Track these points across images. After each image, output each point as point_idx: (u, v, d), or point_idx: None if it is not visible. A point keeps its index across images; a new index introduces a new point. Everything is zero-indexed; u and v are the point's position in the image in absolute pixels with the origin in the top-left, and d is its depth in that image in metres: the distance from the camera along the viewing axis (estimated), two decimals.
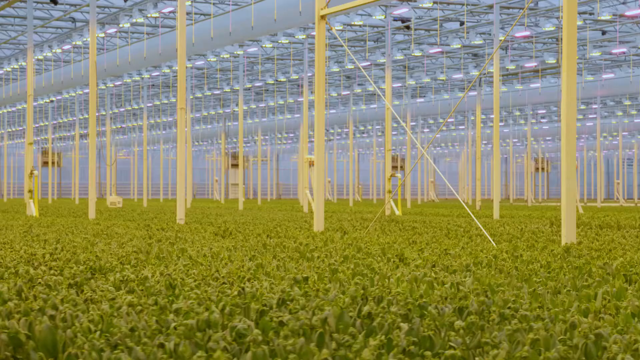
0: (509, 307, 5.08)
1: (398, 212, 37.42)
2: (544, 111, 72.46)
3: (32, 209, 32.34)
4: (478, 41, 40.12)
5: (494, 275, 7.89)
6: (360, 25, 39.06)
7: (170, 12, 34.02)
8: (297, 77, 51.44)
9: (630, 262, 9.45)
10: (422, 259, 9.84)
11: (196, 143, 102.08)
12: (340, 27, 37.41)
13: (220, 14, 32.18)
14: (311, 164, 43.21)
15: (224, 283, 6.75)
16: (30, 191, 33.17)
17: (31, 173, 33.43)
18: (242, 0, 34.31)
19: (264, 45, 41.56)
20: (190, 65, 47.63)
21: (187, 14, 36.61)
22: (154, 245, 12.21)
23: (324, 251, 11.43)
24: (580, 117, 75.27)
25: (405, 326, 4.19)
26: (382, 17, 34.87)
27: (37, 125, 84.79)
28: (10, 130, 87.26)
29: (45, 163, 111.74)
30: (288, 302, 4.80)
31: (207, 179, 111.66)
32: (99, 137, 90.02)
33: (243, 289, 5.26)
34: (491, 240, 15.66)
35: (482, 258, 9.85)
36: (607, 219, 25.52)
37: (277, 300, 4.84)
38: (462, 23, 40.58)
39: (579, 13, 37.97)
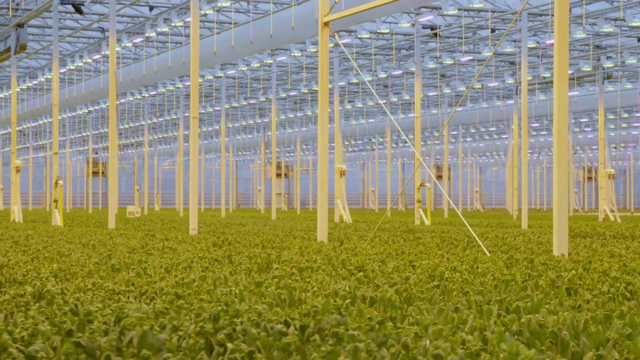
0: (347, 327, 4.71)
1: (427, 222, 36.95)
2: (586, 119, 71.46)
3: (57, 219, 32.36)
4: (509, 49, 39.53)
5: (424, 288, 7.51)
6: (386, 33, 38.68)
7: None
8: (330, 85, 51.09)
9: (591, 274, 9.01)
10: (380, 271, 9.48)
11: (239, 153, 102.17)
12: (367, 35, 37.04)
13: (242, 24, 32.02)
14: (342, 173, 42.93)
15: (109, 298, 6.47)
16: (55, 201, 33.20)
17: (56, 183, 33.47)
18: (261, 10, 34.15)
19: (292, 54, 41.33)
20: (222, 74, 47.56)
21: (209, 21, 36.58)
22: (124, 256, 11.99)
23: (292, 263, 11.11)
24: (625, 125, 74.18)
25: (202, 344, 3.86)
26: (409, 24, 34.48)
27: (79, 135, 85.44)
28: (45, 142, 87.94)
29: (94, 173, 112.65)
30: (123, 319, 4.48)
31: (251, 189, 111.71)
32: (140, 147, 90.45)
33: (76, 305, 4.96)
34: (485, 251, 15.26)
35: (440, 271, 9.46)
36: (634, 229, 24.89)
37: (115, 318, 4.54)
38: (492, 30, 40.04)
39: (611, 19, 37.27)
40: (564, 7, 13.80)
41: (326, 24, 19.37)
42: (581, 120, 72.17)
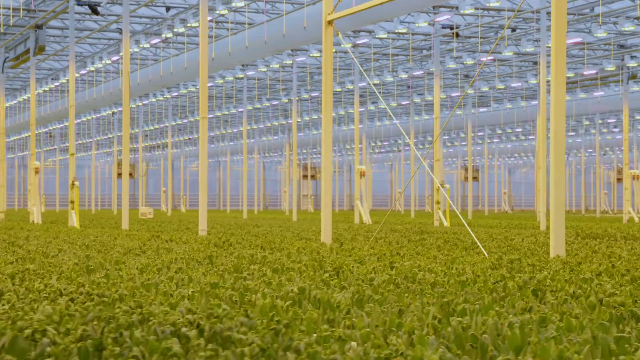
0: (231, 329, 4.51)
1: (446, 224, 36.66)
2: (613, 120, 70.72)
3: (74, 220, 32.36)
4: (530, 48, 39.09)
5: (386, 290, 7.28)
6: (404, 33, 38.36)
7: (209, 21, 33.80)
8: (351, 86, 50.86)
9: (571, 274, 8.74)
10: (356, 272, 9.26)
11: (266, 154, 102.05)
12: (385, 35, 36.75)
13: (257, 24, 31.86)
14: (362, 174, 42.67)
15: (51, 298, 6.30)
16: (72, 202, 33.20)
17: (72, 184, 33.47)
18: (280, 10, 33.97)
19: (311, 55, 41.11)
20: (243, 76, 47.45)
21: (225, 22, 36.42)
22: (110, 257, 11.85)
23: (275, 263, 10.91)
24: None
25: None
26: (425, 24, 34.16)
27: (105, 137, 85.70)
28: (80, 142, 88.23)
29: (120, 174, 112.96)
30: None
31: (279, 190, 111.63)
32: (167, 149, 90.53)
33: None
34: (484, 251, 15.00)
35: (414, 272, 9.23)
36: None
37: (11, 320, 4.36)
38: (513, 30, 39.64)
39: (632, 18, 36.75)
40: (561, 10, 13.52)
41: (330, 22, 19.18)
42: (609, 120, 71.44)
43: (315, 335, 4.57)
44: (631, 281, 8.43)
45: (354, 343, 4.67)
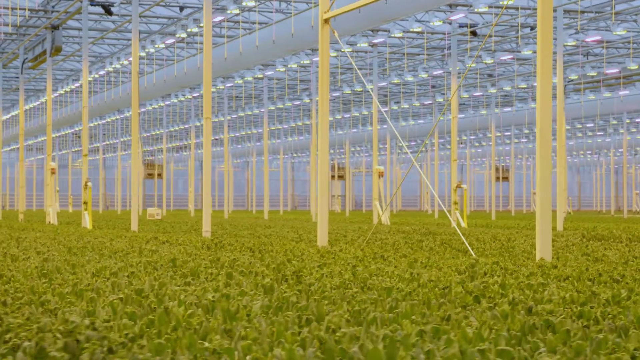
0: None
1: (463, 224, 36.28)
2: None
3: (87, 221, 32.30)
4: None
5: (322, 296, 7.00)
6: (419, 32, 37.97)
7: (220, 21, 33.62)
8: (372, 86, 50.46)
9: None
10: (314, 276, 8.99)
11: (294, 155, 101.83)
12: (400, 34, 36.38)
13: (269, 24, 31.68)
14: (380, 174, 42.33)
15: None
16: (85, 203, 33.13)
17: (85, 185, 33.42)
18: (287, 10, 33.76)
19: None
20: (262, 76, 47.28)
21: (235, 22, 36.24)
22: (80, 259, 11.64)
23: (242, 267, 10.66)
24: None
25: None
26: (440, 22, 33.77)
27: (128, 137, 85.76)
28: (108, 142, 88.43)
29: (149, 175, 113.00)
30: None
31: (307, 191, 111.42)
32: (195, 149, 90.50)
33: None
34: (472, 253, 14.68)
35: (364, 277, 8.93)
36: None
37: None
38: (532, 28, 39.12)
39: None
40: (547, 13, 13.18)
41: (326, 20, 18.87)
42: (637, 120, 70.60)
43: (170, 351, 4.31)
44: (592, 285, 8.09)
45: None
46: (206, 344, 4.74)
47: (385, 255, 13.36)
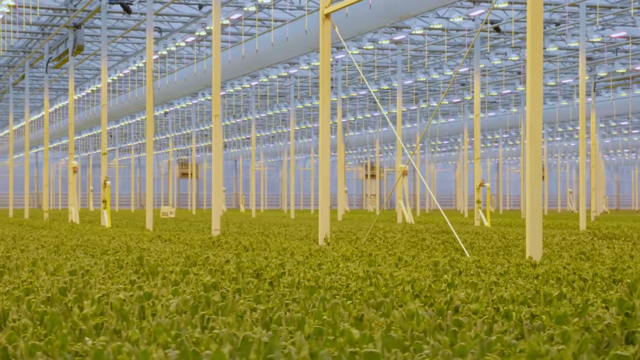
0: None
1: (487, 223, 35.86)
2: None
3: (105, 220, 32.31)
4: (575, 43, 37.94)
5: (251, 295, 6.75)
6: (440, 29, 37.51)
7: (237, 18, 33.43)
8: (396, 84, 50.10)
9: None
10: (269, 275, 8.75)
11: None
12: (421, 31, 35.97)
13: (280, 25, 31.54)
14: (404, 173, 41.90)
15: None
16: (104, 201, 33.12)
17: (104, 183, 33.40)
18: (310, 6, 33.51)
19: (350, 52, 40.43)
20: (286, 74, 47.09)
21: (252, 19, 36.02)
22: (62, 257, 11.51)
23: (214, 266, 10.44)
24: None
25: None
26: (460, 18, 33.36)
27: (161, 137, 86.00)
28: (141, 142, 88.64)
29: (184, 174, 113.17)
30: None
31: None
32: (227, 148, 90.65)
33: None
34: (465, 251, 14.39)
35: (331, 278, 8.67)
36: None
37: None
38: (557, 24, 38.59)
39: None
40: (537, 10, 12.87)
41: (327, 15, 18.65)
42: None
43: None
44: (559, 284, 7.79)
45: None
46: (86, 346, 4.54)
47: (374, 254, 13.10)
